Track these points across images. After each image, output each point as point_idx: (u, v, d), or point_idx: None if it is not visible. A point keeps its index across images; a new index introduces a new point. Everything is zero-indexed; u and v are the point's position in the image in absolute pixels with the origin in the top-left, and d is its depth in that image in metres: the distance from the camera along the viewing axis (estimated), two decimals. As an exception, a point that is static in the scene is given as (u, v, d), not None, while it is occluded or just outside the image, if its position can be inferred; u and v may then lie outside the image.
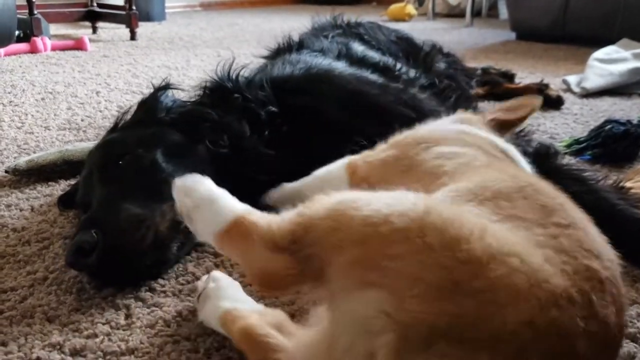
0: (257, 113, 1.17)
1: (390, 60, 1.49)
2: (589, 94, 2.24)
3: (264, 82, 1.23)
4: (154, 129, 1.11)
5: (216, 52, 3.26)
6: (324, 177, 0.98)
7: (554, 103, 2.07)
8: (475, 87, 1.97)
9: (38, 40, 3.10)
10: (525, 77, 2.51)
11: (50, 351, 0.78)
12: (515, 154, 0.86)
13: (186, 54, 3.18)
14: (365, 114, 1.18)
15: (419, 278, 0.50)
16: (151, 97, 1.21)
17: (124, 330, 0.82)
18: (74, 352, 0.77)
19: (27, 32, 3.16)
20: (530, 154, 1.08)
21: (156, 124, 1.13)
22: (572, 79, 2.37)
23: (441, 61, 1.89)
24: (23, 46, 3.07)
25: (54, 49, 3.20)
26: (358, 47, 1.54)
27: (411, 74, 1.47)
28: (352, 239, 0.54)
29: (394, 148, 0.87)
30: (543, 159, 1.10)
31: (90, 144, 1.40)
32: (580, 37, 3.35)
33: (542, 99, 2.06)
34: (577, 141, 1.59)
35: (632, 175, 1.21)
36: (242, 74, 1.28)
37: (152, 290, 0.92)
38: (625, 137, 1.51)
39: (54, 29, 3.86)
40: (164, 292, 0.92)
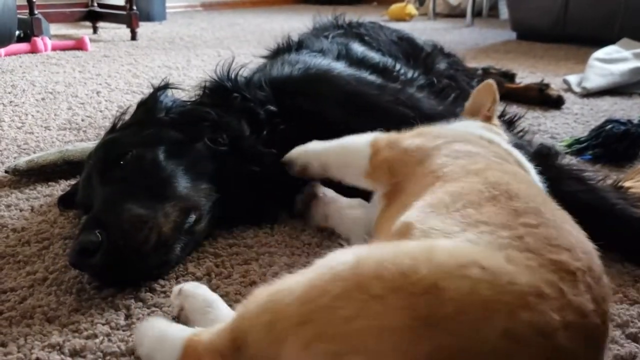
0: (257, 112, 1.17)
1: (389, 61, 1.49)
2: (589, 94, 2.24)
3: (263, 82, 1.23)
4: (154, 128, 1.11)
5: (217, 52, 3.26)
6: (347, 147, 0.96)
7: (554, 103, 2.07)
8: (475, 87, 1.97)
9: (38, 40, 3.10)
10: (525, 77, 2.51)
11: (50, 352, 0.78)
12: (525, 162, 0.87)
13: (187, 54, 3.18)
14: (363, 113, 1.18)
15: (383, 329, 0.47)
16: (151, 97, 1.21)
17: (123, 331, 0.82)
18: (74, 353, 0.77)
19: (27, 32, 3.16)
20: (531, 154, 1.09)
21: (156, 124, 1.13)
22: (573, 78, 2.37)
23: (442, 62, 1.89)
24: (23, 46, 3.07)
25: (54, 49, 3.20)
26: (358, 48, 1.54)
27: (410, 74, 1.47)
28: (294, 322, 0.51)
29: (419, 137, 0.87)
30: (544, 159, 1.10)
31: (91, 144, 1.40)
32: (581, 36, 3.35)
33: (542, 99, 2.08)
34: (578, 141, 1.59)
35: (632, 175, 1.21)
36: (241, 73, 1.28)
37: (152, 290, 0.92)
38: (625, 137, 1.51)
39: (55, 29, 3.86)
40: (164, 292, 0.92)
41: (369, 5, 6.42)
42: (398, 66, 1.47)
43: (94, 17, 4.01)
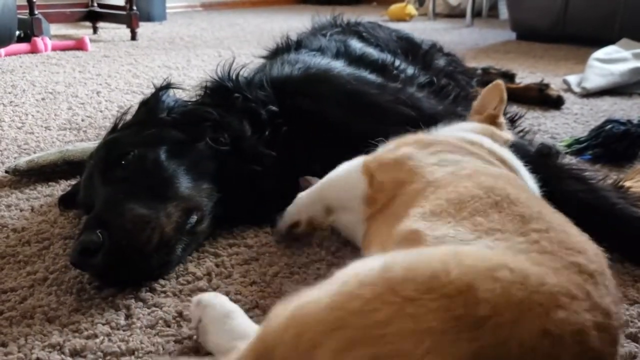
0: (258, 113, 1.17)
1: (388, 58, 1.48)
2: (589, 94, 2.24)
3: (263, 81, 1.23)
4: (155, 128, 1.11)
5: (217, 52, 3.26)
6: (342, 181, 0.94)
7: (554, 103, 2.07)
8: (475, 87, 1.97)
9: (39, 41, 3.10)
10: (525, 77, 2.51)
11: (50, 352, 0.78)
12: (516, 163, 0.87)
13: (187, 54, 3.18)
14: (363, 113, 1.18)
15: (420, 331, 0.46)
16: (153, 97, 1.21)
17: (124, 331, 0.82)
18: (74, 353, 0.77)
19: (27, 32, 3.16)
20: (532, 153, 1.09)
21: (158, 124, 1.13)
22: (573, 78, 2.37)
23: (441, 59, 1.89)
24: (24, 46, 3.08)
25: (54, 49, 3.20)
26: (356, 45, 1.53)
27: (409, 71, 1.47)
28: (325, 329, 0.49)
29: (405, 146, 0.87)
30: (545, 158, 1.10)
31: (91, 144, 1.40)
32: (581, 37, 3.35)
33: (542, 99, 2.08)
34: (578, 141, 1.59)
35: (632, 175, 1.21)
36: (241, 73, 1.28)
37: (152, 290, 0.92)
38: (625, 137, 1.51)
39: (55, 29, 3.86)
40: (164, 292, 0.92)
41: (368, 6, 6.42)
42: (397, 62, 1.46)
43: (94, 17, 4.01)
